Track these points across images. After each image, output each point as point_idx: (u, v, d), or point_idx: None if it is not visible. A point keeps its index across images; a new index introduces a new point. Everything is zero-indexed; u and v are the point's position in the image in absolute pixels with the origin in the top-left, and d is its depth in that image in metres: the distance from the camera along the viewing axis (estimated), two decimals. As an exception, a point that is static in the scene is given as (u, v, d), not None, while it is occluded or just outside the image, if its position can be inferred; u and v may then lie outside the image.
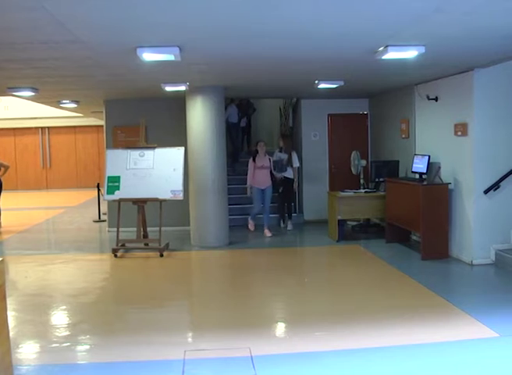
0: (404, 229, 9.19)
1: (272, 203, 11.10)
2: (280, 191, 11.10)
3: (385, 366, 4.51)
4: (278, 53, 6.22)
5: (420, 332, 5.26)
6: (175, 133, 10.67)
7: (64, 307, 6.50)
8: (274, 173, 10.70)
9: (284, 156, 10.96)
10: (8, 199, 15.45)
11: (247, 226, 11.04)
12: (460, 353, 4.74)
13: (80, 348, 5.14)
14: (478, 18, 4.68)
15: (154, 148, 9.47)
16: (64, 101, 11.64)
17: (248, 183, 10.58)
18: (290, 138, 11.47)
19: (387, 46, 5.70)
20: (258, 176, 10.50)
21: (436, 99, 8.71)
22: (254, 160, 10.56)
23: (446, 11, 4.38)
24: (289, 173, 10.97)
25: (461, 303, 6.00)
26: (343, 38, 5.45)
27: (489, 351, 4.79)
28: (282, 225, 11.37)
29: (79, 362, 4.85)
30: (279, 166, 10.86)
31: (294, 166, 10.97)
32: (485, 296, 6.49)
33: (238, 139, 13.75)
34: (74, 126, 21.57)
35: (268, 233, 10.47)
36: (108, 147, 11.10)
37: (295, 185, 11.11)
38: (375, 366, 4.53)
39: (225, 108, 12.15)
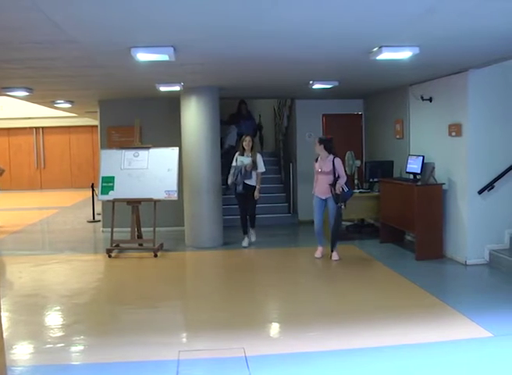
0: (399, 229, 9.21)
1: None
2: (241, 200, 9.50)
3: (379, 366, 4.52)
4: (272, 53, 6.22)
5: (414, 332, 5.27)
6: (169, 134, 10.66)
7: (58, 307, 6.49)
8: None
9: (247, 160, 9.25)
10: (2, 199, 15.42)
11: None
12: (453, 353, 4.76)
13: (74, 348, 5.13)
14: (472, 19, 4.69)
15: (148, 148, 9.46)
16: (58, 101, 11.62)
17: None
18: (257, 139, 9.80)
19: (381, 47, 5.71)
20: (317, 183, 8.57)
21: (431, 100, 8.73)
22: (316, 161, 8.67)
23: (440, 12, 4.39)
24: (253, 180, 9.33)
25: (455, 303, 6.02)
26: (337, 39, 5.45)
27: (483, 351, 4.81)
28: (243, 243, 9.61)
29: (73, 363, 4.84)
30: (241, 172, 9.18)
31: (259, 171, 9.31)
32: (479, 296, 6.51)
33: None
34: (68, 127, 21.48)
35: (335, 256, 8.46)
36: (102, 147, 11.07)
37: (256, 193, 9.25)
38: (369, 366, 4.54)
39: (225, 128, 11.67)
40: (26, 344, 5.28)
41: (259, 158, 9.34)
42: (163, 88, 8.84)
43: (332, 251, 8.49)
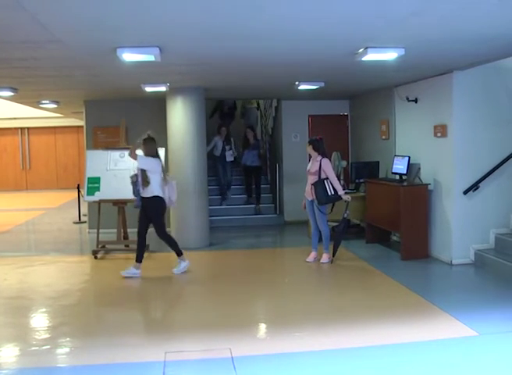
0: (384, 229, 9.25)
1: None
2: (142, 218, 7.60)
3: (365, 366, 4.54)
4: (258, 55, 6.23)
5: (399, 332, 5.29)
6: (155, 134, 10.59)
7: (44, 309, 6.45)
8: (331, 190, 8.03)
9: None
10: (-13, 200, 15.28)
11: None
12: (439, 352, 4.79)
13: (60, 350, 5.10)
14: (457, 22, 4.74)
15: (134, 148, 9.41)
16: (44, 102, 11.54)
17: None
18: (154, 142, 7.92)
19: (367, 48, 5.74)
20: (307, 184, 8.32)
21: (416, 101, 8.77)
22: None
23: (425, 14, 4.42)
24: (148, 193, 7.46)
25: (441, 302, 6.06)
26: (322, 40, 5.47)
27: (468, 350, 4.85)
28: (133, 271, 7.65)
29: (59, 365, 4.82)
30: (136, 184, 7.55)
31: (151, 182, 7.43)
32: (465, 295, 6.55)
33: (226, 174, 12.04)
34: (54, 127, 21.35)
35: (324, 258, 8.21)
36: (88, 148, 11.03)
37: (151, 213, 7.53)
38: (355, 365, 4.56)
39: (211, 138, 11.53)
40: (11, 346, 5.24)
41: (141, 163, 7.52)
42: (149, 89, 8.81)
43: (333, 254, 8.26)
